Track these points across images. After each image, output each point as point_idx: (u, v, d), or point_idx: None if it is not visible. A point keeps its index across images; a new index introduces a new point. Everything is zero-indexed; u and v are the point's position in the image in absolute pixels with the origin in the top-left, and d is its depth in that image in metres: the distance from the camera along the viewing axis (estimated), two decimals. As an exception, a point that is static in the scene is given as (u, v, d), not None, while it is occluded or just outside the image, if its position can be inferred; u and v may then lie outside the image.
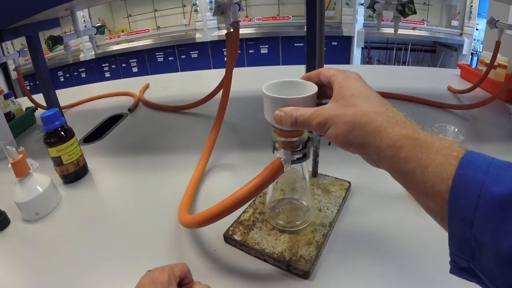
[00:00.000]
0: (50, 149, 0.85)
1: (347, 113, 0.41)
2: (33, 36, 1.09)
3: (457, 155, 0.33)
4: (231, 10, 0.95)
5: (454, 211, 0.32)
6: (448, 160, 0.33)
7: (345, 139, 0.41)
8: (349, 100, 0.42)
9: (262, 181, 0.50)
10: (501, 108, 1.20)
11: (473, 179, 0.31)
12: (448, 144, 0.35)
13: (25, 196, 0.76)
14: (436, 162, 0.34)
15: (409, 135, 0.37)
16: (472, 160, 0.33)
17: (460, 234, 0.32)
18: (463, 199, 0.31)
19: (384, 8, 0.97)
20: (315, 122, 0.43)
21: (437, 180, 0.33)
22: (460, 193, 0.32)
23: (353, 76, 0.45)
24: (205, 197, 0.81)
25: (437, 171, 0.33)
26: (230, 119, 1.17)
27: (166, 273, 0.46)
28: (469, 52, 3.48)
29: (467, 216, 0.31)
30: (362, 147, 0.40)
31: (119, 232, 0.73)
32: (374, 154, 0.40)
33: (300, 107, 0.45)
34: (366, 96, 0.42)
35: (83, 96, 1.61)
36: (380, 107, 0.41)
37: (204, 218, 0.53)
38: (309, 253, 0.58)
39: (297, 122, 0.45)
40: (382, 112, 0.40)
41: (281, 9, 4.05)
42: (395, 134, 0.38)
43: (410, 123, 0.39)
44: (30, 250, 0.70)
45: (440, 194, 0.33)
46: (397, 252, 0.61)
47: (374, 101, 0.42)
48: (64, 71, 3.99)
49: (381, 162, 0.40)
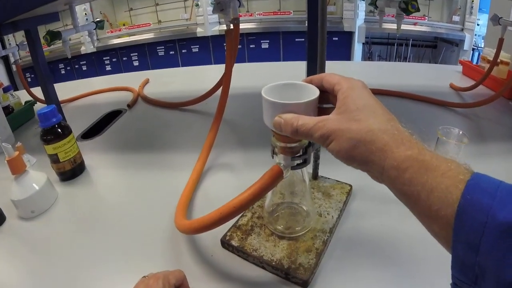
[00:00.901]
0: (46, 146, 0.84)
1: (352, 128, 0.39)
2: (32, 30, 1.08)
3: (464, 178, 0.32)
4: (231, 6, 0.94)
5: (459, 235, 0.31)
6: (454, 183, 0.32)
7: (348, 155, 0.40)
8: (354, 114, 0.40)
9: (260, 188, 0.48)
10: (503, 105, 1.19)
11: (480, 203, 0.30)
12: (454, 166, 0.34)
13: (21, 194, 0.75)
14: (442, 185, 0.33)
15: (415, 156, 0.36)
16: (478, 183, 0.32)
17: (464, 259, 0.31)
18: (469, 224, 0.30)
19: (387, 5, 0.95)
20: (317, 134, 0.41)
21: (443, 204, 0.32)
22: (466, 218, 0.31)
23: (358, 85, 0.43)
24: (203, 198, 0.79)
25: (442, 195, 0.32)
26: (229, 116, 1.16)
27: (161, 281, 0.46)
28: (470, 47, 3.47)
29: (472, 241, 0.30)
30: (365, 164, 0.39)
31: (115, 232, 0.72)
32: (377, 172, 0.39)
33: (302, 116, 0.44)
34: (371, 110, 0.40)
35: (82, 90, 1.60)
36: (386, 124, 0.39)
37: (200, 226, 0.52)
38: (309, 261, 0.57)
39: (298, 132, 0.43)
40: (387, 129, 0.38)
41: (282, 4, 4.04)
42: (400, 154, 0.36)
43: (416, 142, 0.38)
44: (26, 248, 0.69)
45: (445, 218, 0.32)
46: (399, 257, 0.59)
47: (380, 116, 0.40)
48: (65, 63, 3.99)
49: (384, 181, 0.39)
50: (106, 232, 0.72)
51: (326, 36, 0.63)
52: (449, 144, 0.67)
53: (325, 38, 0.65)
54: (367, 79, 0.45)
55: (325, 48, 0.65)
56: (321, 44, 0.65)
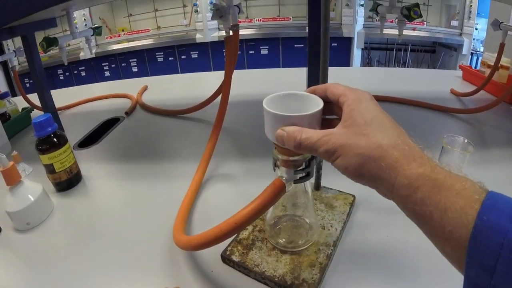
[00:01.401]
0: (42, 156, 0.82)
1: (360, 143, 0.37)
2: (29, 36, 1.06)
3: (479, 198, 0.31)
4: (230, 13, 0.92)
5: (473, 257, 0.30)
6: (469, 203, 0.31)
7: (356, 172, 0.38)
8: (362, 128, 0.38)
9: (262, 204, 0.46)
10: (505, 110, 1.18)
11: (496, 225, 0.29)
12: (468, 185, 0.32)
13: (16, 205, 0.73)
14: (456, 205, 0.31)
15: (427, 173, 0.34)
16: (495, 203, 0.30)
17: (478, 281, 0.30)
18: (484, 246, 0.29)
19: (388, 11, 0.94)
20: (322, 149, 0.40)
21: (457, 225, 0.31)
22: (482, 239, 0.29)
23: (365, 98, 0.41)
24: (203, 210, 0.77)
25: (457, 216, 0.31)
26: (229, 124, 1.14)
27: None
28: (469, 52, 3.49)
29: (488, 263, 0.29)
30: (374, 181, 0.38)
31: (112, 244, 0.70)
32: (386, 190, 0.37)
33: (305, 129, 0.42)
34: (379, 124, 0.39)
35: (80, 96, 1.58)
36: (395, 139, 0.37)
37: (199, 243, 0.50)
38: (312, 276, 0.55)
39: (302, 146, 0.41)
40: (397, 144, 0.37)
41: (282, 10, 4.05)
42: (412, 172, 0.35)
43: (428, 158, 0.36)
44: (21, 261, 0.67)
45: (460, 240, 0.31)
46: (405, 271, 0.57)
47: (389, 130, 0.38)
48: (64, 69, 4.00)
49: (394, 199, 0.37)
50: (103, 245, 0.70)
51: (328, 45, 0.62)
52: (454, 153, 0.65)
53: (327, 45, 0.63)
54: (367, 85, 0.44)
55: (328, 55, 0.64)
56: (323, 51, 0.63)
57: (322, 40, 0.62)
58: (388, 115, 0.40)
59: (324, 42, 0.62)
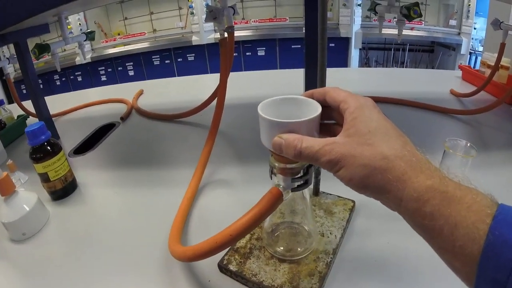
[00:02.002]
0: (36, 165, 0.81)
1: (365, 153, 0.36)
2: (21, 43, 1.05)
3: (491, 212, 0.30)
4: (224, 14, 0.90)
5: (484, 272, 0.29)
6: (481, 218, 0.29)
7: (361, 184, 0.36)
8: (366, 138, 0.36)
9: (258, 214, 0.45)
10: (505, 111, 1.17)
11: (509, 240, 0.28)
12: (479, 198, 0.31)
13: (11, 216, 0.72)
14: (467, 220, 0.30)
15: (436, 186, 0.32)
16: (506, 217, 0.29)
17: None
18: (496, 261, 0.28)
19: (387, 10, 0.93)
20: (324, 160, 0.38)
21: (468, 240, 0.30)
22: (493, 254, 0.28)
23: (368, 105, 0.40)
24: (199, 217, 0.76)
25: (468, 231, 0.30)
26: (225, 128, 1.13)
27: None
28: (467, 51, 3.49)
29: (499, 279, 0.28)
30: (380, 194, 0.36)
31: (109, 253, 0.68)
32: (393, 203, 0.35)
33: (305, 137, 0.40)
34: (384, 133, 0.37)
35: (76, 102, 1.57)
36: (401, 149, 0.36)
37: (194, 254, 0.49)
38: (311, 285, 0.53)
39: (302, 155, 0.39)
40: (404, 155, 0.35)
41: (278, 11, 4.04)
42: (420, 184, 0.33)
43: (436, 170, 0.34)
44: (18, 272, 0.66)
45: (470, 255, 0.29)
46: (407, 279, 0.56)
47: (394, 140, 0.36)
48: (60, 75, 3.99)
49: (401, 213, 0.36)
50: (100, 253, 0.69)
51: (326, 46, 0.60)
52: (456, 157, 0.64)
53: (325, 46, 0.62)
54: (365, 86, 0.42)
55: (326, 56, 0.62)
56: (321, 52, 0.62)
57: (319, 41, 0.60)
58: (392, 123, 0.39)
59: (322, 43, 0.60)
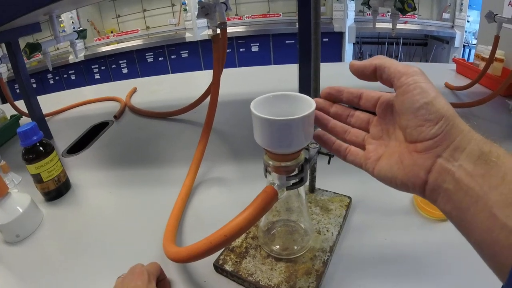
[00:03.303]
0: (28, 166, 0.80)
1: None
2: (13, 43, 1.04)
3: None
4: (217, 10, 0.89)
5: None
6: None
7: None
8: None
9: (254, 214, 0.44)
10: (500, 103, 1.16)
11: None
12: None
13: (5, 218, 0.71)
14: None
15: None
16: None
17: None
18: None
19: (381, 4, 0.92)
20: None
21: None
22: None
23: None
24: (194, 216, 0.75)
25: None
26: (219, 126, 1.12)
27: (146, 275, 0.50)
28: (461, 44, 3.49)
29: None
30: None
31: (104, 254, 0.68)
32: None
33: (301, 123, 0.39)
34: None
35: (69, 101, 1.55)
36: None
37: (188, 255, 0.48)
38: (309, 284, 0.52)
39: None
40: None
41: (271, 6, 4.03)
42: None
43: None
44: (12, 274, 0.66)
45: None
46: (404, 275, 0.55)
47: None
48: (53, 73, 3.96)
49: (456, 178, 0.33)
50: (94, 254, 0.68)
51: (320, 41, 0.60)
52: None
53: (319, 40, 0.62)
54: (359, 80, 0.41)
55: (319, 50, 0.62)
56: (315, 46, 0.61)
57: (313, 36, 0.60)
58: None
59: (315, 38, 0.60)
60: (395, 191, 0.36)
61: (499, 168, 0.31)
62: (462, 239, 0.33)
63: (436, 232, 0.63)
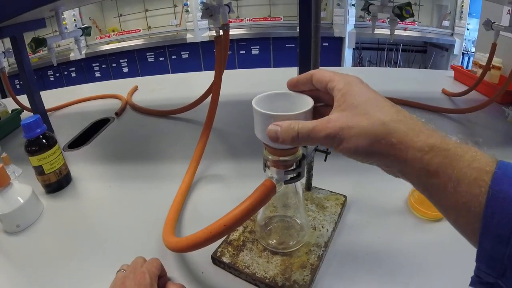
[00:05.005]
0: (31, 157, 0.81)
1: (362, 123, 0.36)
2: (18, 37, 1.05)
3: (490, 169, 0.31)
4: (220, 12, 0.91)
5: (488, 228, 0.30)
6: (481, 175, 0.31)
7: (366, 152, 0.36)
8: (359, 109, 0.37)
9: (252, 205, 0.45)
10: (496, 110, 1.18)
11: (509, 195, 0.29)
12: (479, 155, 0.32)
13: (5, 208, 0.72)
14: (469, 177, 0.31)
15: (438, 144, 0.33)
16: (505, 173, 0.30)
17: (493, 252, 0.30)
18: (498, 216, 0.29)
19: (380, 10, 0.94)
20: (322, 135, 0.37)
21: (470, 197, 0.31)
22: (495, 210, 0.29)
23: (355, 81, 0.40)
24: (193, 211, 0.76)
25: (470, 188, 0.31)
26: (219, 125, 1.13)
27: (148, 276, 0.50)
28: (460, 52, 3.51)
29: (502, 233, 0.29)
30: (385, 158, 0.36)
31: (103, 246, 0.69)
32: (398, 167, 0.36)
33: (300, 120, 0.40)
34: (376, 104, 0.37)
35: (70, 97, 1.57)
36: (397, 114, 0.36)
37: (188, 244, 0.49)
38: (303, 277, 0.54)
39: (299, 136, 0.38)
40: (401, 120, 0.35)
41: (272, 10, 4.04)
42: (422, 144, 0.33)
43: (434, 129, 0.35)
44: (11, 263, 0.67)
45: (473, 211, 0.31)
46: (396, 272, 0.57)
47: (387, 108, 0.37)
48: (54, 70, 3.97)
49: (406, 176, 0.36)
50: (93, 246, 0.69)
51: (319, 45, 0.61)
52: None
53: (318, 44, 0.63)
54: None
55: (319, 54, 0.63)
56: (314, 49, 0.63)
57: (313, 39, 0.61)
58: (382, 96, 0.39)
59: (315, 41, 0.61)
60: (390, 192, 0.38)
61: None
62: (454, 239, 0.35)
63: (429, 232, 0.65)
